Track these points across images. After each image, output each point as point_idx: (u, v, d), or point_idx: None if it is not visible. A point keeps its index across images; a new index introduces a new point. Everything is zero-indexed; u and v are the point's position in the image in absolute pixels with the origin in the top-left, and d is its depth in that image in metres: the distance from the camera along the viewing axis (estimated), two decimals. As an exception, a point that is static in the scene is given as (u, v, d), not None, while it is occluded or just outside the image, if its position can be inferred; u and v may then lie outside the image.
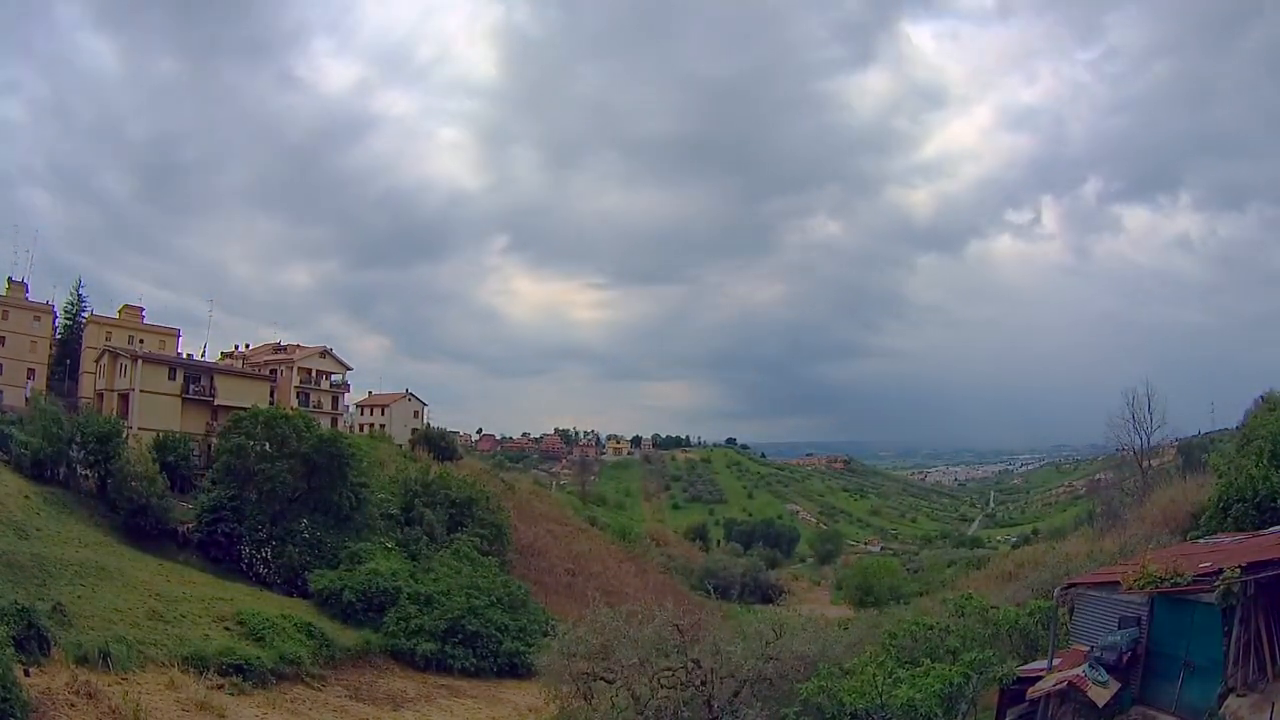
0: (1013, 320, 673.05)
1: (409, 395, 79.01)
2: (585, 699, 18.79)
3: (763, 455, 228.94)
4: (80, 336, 63.74)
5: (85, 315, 65.16)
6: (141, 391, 50.56)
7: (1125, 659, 11.61)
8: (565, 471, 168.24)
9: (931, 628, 17.88)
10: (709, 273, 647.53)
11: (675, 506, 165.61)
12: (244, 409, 45.65)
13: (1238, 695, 10.08)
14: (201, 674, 23.95)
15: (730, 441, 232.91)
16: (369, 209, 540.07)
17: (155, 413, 50.20)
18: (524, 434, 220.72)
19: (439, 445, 69.48)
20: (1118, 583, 12.11)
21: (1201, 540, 16.34)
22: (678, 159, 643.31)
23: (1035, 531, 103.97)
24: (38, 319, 58.54)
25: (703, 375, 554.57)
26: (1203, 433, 52.54)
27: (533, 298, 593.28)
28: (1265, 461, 17.62)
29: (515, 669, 34.98)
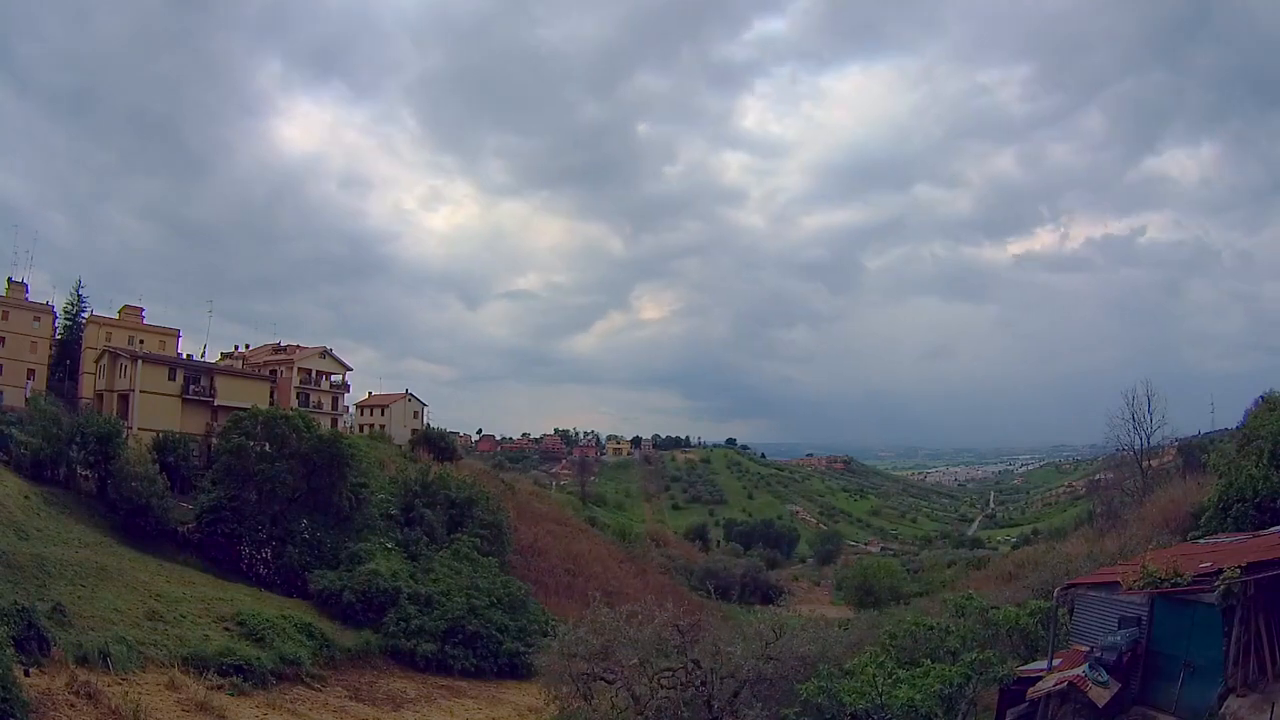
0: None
1: (409, 396, 79.00)
2: (585, 699, 18.80)
3: (762, 456, 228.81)
4: (80, 337, 63.74)
5: (85, 315, 65.16)
6: (141, 392, 50.55)
7: (1125, 659, 11.60)
8: (565, 472, 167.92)
9: (931, 628, 17.90)
10: (640, 290, 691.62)
11: (675, 507, 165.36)
12: (244, 409, 45.59)
13: (1238, 695, 10.08)
14: (201, 674, 23.93)
15: (730, 442, 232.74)
16: (336, 237, 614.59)
17: (155, 413, 50.18)
18: (524, 434, 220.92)
19: (439, 446, 69.44)
20: (1118, 583, 12.12)
21: (1201, 540, 16.34)
22: (581, 188, 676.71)
23: (1035, 532, 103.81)
24: (38, 319, 58.51)
25: (664, 384, 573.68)
26: (1203, 433, 52.49)
27: (495, 310, 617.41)
28: (1265, 462, 17.61)
29: (515, 669, 34.98)
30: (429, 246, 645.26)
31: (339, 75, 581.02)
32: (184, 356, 61.70)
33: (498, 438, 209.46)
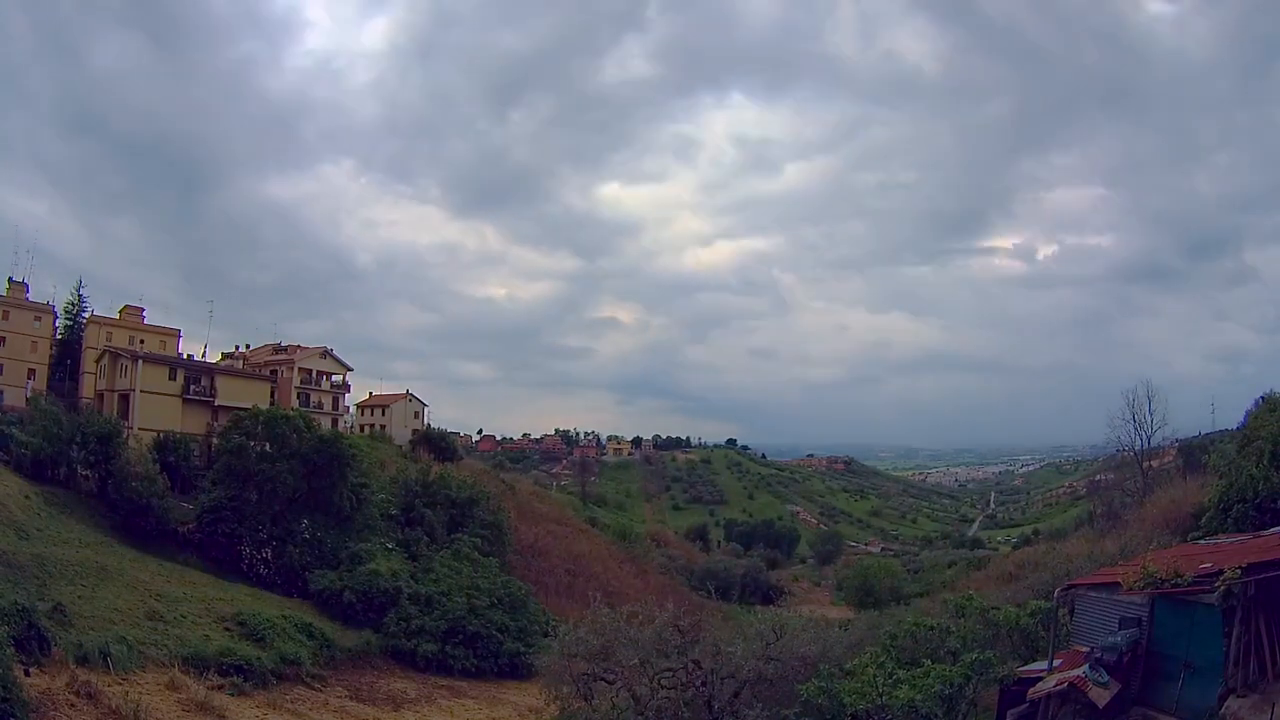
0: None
1: (409, 396, 79.00)
2: (586, 700, 18.79)
3: (763, 456, 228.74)
4: (81, 336, 63.76)
5: (86, 315, 65.18)
6: (142, 392, 50.60)
7: (1125, 660, 11.61)
8: (565, 473, 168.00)
9: (932, 628, 17.86)
10: (597, 303, 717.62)
11: (676, 507, 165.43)
12: (244, 409, 45.65)
13: (1238, 696, 10.08)
14: (201, 674, 23.94)
15: (730, 442, 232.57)
16: (321, 254, 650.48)
17: (155, 413, 50.22)
18: (524, 435, 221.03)
19: (439, 446, 69.46)
20: (1118, 583, 12.12)
21: (1202, 541, 16.35)
22: (510, 213, 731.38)
23: (1036, 532, 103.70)
24: (38, 319, 58.56)
25: (634, 390, 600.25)
26: (1203, 433, 52.44)
27: (470, 319, 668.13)
28: (1265, 462, 17.63)
29: (516, 669, 34.99)
30: (403, 261, 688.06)
31: (304, 119, 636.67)
32: (184, 357, 61.73)
33: (498, 438, 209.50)
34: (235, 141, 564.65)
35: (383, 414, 76.42)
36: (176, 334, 64.53)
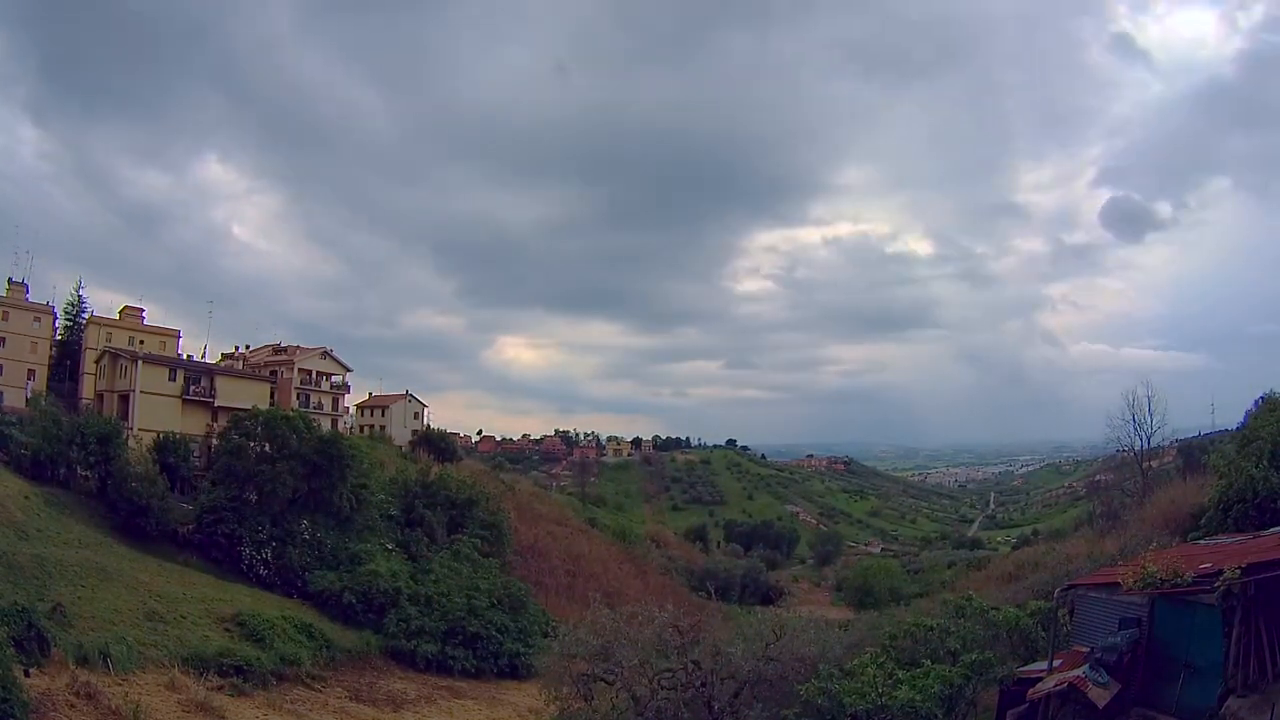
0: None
1: (409, 396, 78.98)
2: (585, 700, 18.79)
3: (763, 457, 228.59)
4: (81, 337, 63.64)
5: (86, 316, 65.09)
6: (142, 392, 50.50)
7: (1125, 660, 11.59)
8: (565, 473, 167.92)
9: (931, 629, 17.83)
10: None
11: (675, 508, 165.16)
12: (244, 410, 45.64)
13: (1238, 696, 10.08)
14: (201, 675, 23.99)
15: (730, 443, 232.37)
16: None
17: (155, 413, 50.13)
18: (524, 435, 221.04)
19: (439, 446, 69.52)
20: (1118, 584, 12.11)
21: (1202, 541, 16.35)
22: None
23: (1035, 532, 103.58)
24: (38, 320, 58.47)
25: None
26: (1203, 433, 52.43)
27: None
28: (1265, 462, 17.61)
29: (515, 670, 35.03)
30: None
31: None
32: (184, 357, 61.69)
33: (498, 438, 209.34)
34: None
35: (382, 414, 76.41)
36: (176, 334, 64.48)
